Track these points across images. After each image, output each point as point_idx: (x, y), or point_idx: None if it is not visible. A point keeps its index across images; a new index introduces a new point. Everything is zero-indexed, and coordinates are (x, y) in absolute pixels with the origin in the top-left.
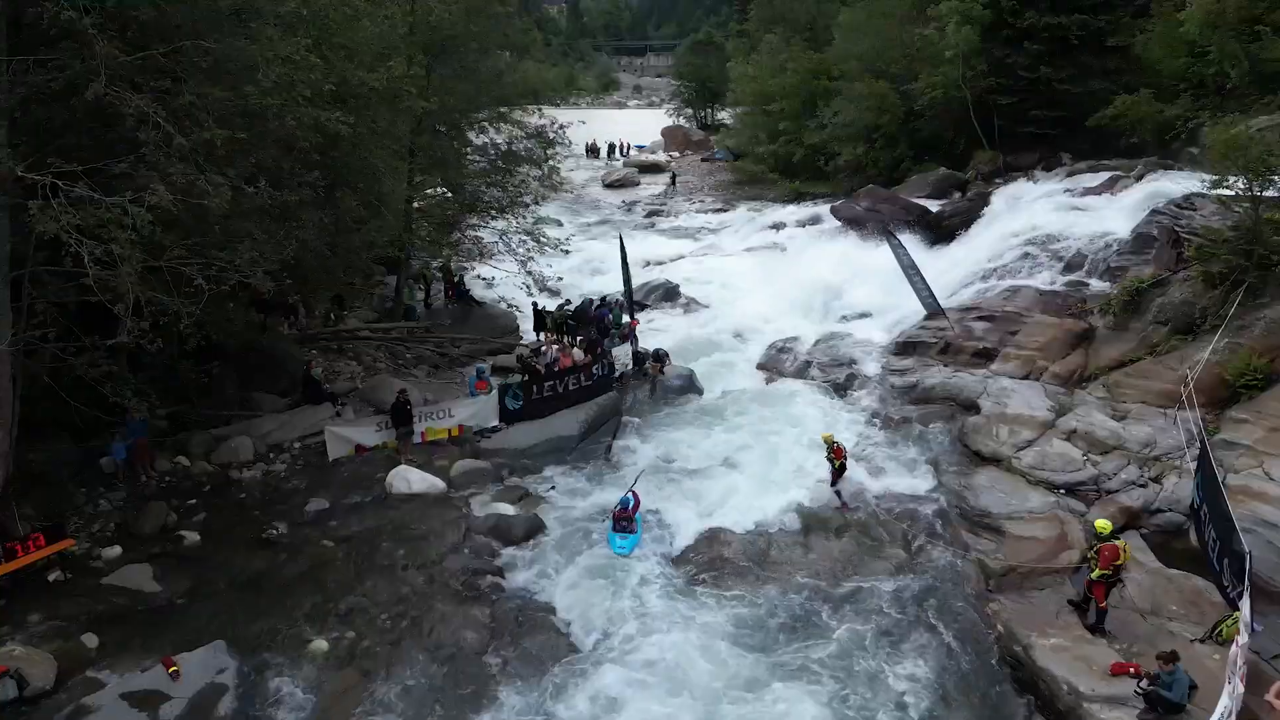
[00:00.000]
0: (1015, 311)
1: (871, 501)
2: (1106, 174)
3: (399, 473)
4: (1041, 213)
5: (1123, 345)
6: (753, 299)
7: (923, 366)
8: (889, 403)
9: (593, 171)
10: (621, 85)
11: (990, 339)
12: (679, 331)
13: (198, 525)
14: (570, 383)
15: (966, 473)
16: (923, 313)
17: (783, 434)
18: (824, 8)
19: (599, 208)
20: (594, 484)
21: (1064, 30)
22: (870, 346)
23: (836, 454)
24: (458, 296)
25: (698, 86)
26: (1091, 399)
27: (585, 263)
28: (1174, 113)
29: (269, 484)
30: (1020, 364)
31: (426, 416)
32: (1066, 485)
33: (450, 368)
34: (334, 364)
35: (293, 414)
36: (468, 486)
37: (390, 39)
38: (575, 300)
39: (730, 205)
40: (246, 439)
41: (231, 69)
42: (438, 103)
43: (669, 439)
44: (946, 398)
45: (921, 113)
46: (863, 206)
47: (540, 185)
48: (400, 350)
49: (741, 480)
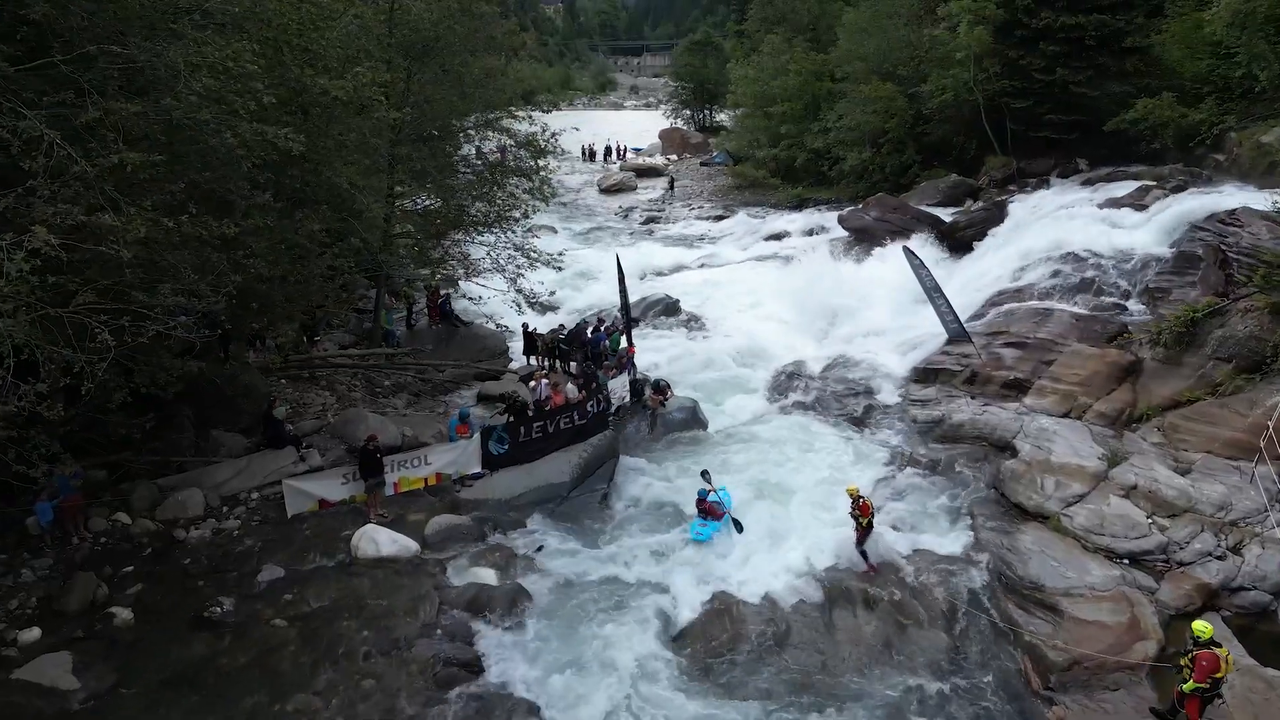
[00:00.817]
0: (1049, 339)
1: (901, 564)
2: (1133, 184)
3: (366, 533)
4: (1067, 226)
5: (1177, 382)
6: (757, 315)
7: (947, 398)
8: (912, 440)
9: (588, 175)
10: (618, 85)
11: (1022, 369)
12: (679, 352)
13: (132, 599)
14: (561, 421)
15: (1008, 530)
16: (942, 334)
17: (796, 477)
18: (827, 8)
19: (594, 214)
20: (587, 542)
21: (1081, 30)
22: (886, 372)
23: (863, 511)
24: (442, 317)
25: (695, 87)
26: (1147, 445)
27: (580, 275)
28: (1198, 117)
29: (219, 545)
30: (1059, 400)
31: (399, 465)
32: (1130, 554)
33: (433, 395)
34: (304, 395)
35: (251, 459)
36: (444, 547)
37: (359, 42)
38: (568, 320)
39: (730, 211)
40: (197, 491)
41: (154, 78)
42: (417, 111)
43: (671, 484)
44: (978, 437)
45: (930, 116)
46: (872, 216)
47: (531, 198)
48: (378, 378)
49: (751, 535)
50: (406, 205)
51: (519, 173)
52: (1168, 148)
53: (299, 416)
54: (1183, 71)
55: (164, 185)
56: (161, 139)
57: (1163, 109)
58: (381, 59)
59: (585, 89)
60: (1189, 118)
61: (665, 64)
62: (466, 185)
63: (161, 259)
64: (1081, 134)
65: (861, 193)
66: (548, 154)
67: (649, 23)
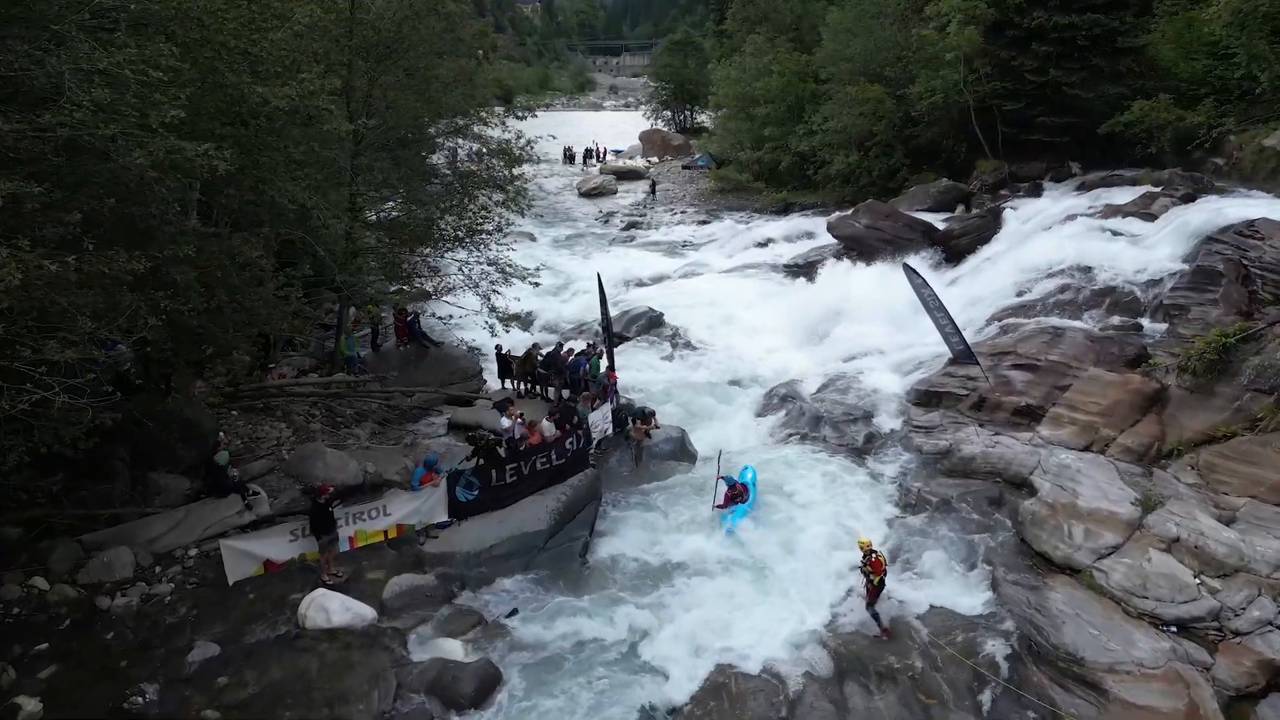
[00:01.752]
0: (1062, 361)
1: (917, 626)
2: (1132, 189)
3: (316, 600)
4: (1071, 237)
5: (1209, 414)
6: (745, 328)
7: (953, 424)
8: (919, 474)
9: (568, 178)
10: (597, 85)
11: (1034, 394)
12: (664, 371)
13: (43, 685)
14: (538, 462)
15: (1034, 585)
16: (943, 351)
17: (794, 521)
18: (810, 7)
19: (574, 219)
20: (566, 603)
21: (1074, 30)
22: (886, 393)
23: (875, 567)
24: (411, 336)
25: (675, 88)
26: (1183, 488)
27: (559, 286)
28: (1196, 119)
29: (147, 615)
30: (1078, 431)
31: (355, 518)
32: (1178, 621)
33: (400, 423)
34: (257, 427)
35: (190, 510)
36: (405, 612)
37: (310, 44)
38: (545, 338)
39: (713, 216)
40: (126, 550)
41: (32, 89)
42: (379, 118)
43: (657, 529)
44: (991, 472)
45: (919, 119)
46: (862, 223)
47: (506, 209)
48: (340, 406)
49: (749, 589)
50: (370, 217)
51: (491, 184)
52: (1164, 151)
53: (250, 452)
54: (1178, 72)
55: (59, 215)
56: (54, 160)
57: (1159, 111)
58: (340, 61)
59: (564, 89)
60: (1186, 120)
61: (644, 63)
62: (434, 199)
63: (55, 304)
64: (1074, 137)
65: (848, 197)
66: (522, 162)
67: (627, 22)
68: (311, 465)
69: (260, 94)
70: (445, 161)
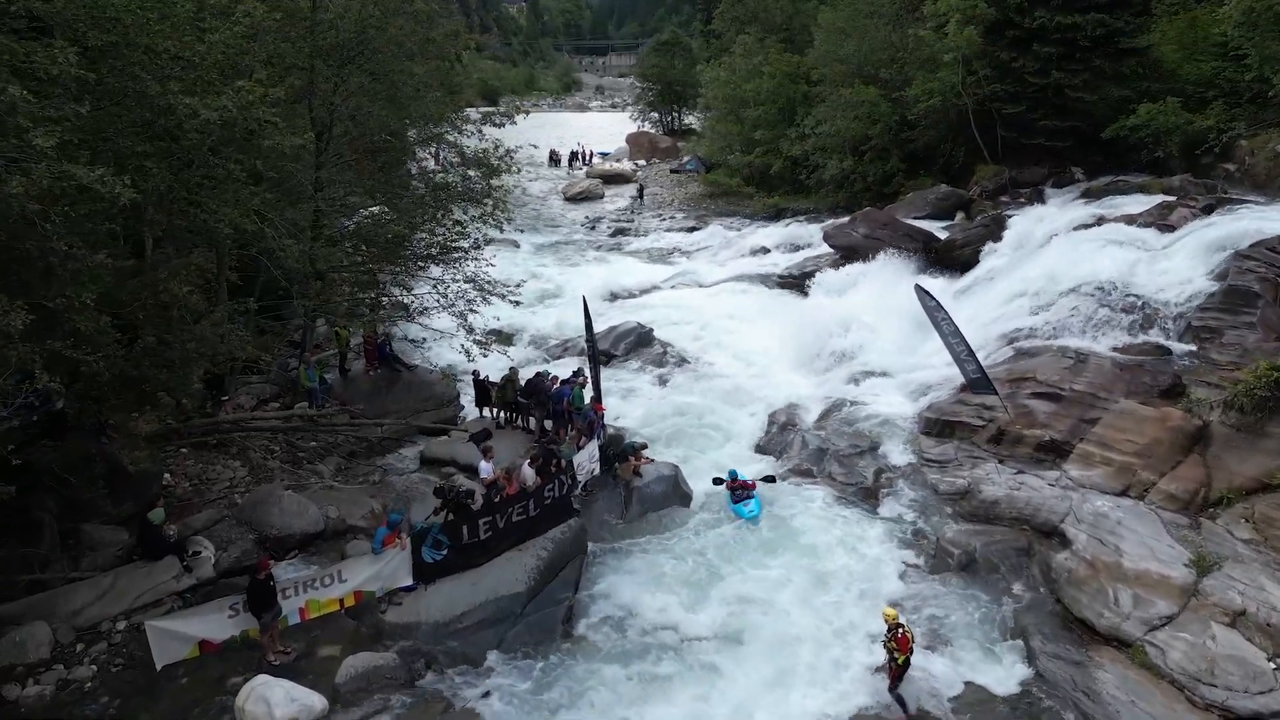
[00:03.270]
0: (1089, 391)
1: (947, 711)
2: (1142, 197)
3: (257, 690)
4: (1085, 249)
5: (1262, 458)
6: (740, 346)
7: (970, 460)
8: (937, 518)
9: (553, 182)
10: (583, 85)
11: (1058, 427)
12: (654, 395)
13: None
14: (514, 514)
15: (1077, 660)
16: (953, 373)
17: (800, 577)
18: (800, 7)
19: (559, 225)
20: (548, 682)
21: (1078, 31)
22: (893, 421)
23: (901, 645)
24: (381, 360)
25: (662, 89)
26: (1240, 545)
27: (542, 297)
28: (1205, 123)
29: (63, 706)
30: (1112, 474)
31: (307, 587)
32: (1255, 717)
33: (368, 456)
34: (209, 467)
35: (119, 576)
36: (361, 699)
37: (249, 46)
38: (524, 355)
39: (703, 222)
40: (43, 626)
41: None
42: (342, 127)
43: (650, 587)
44: (1018, 519)
45: (915, 122)
46: (860, 232)
47: (484, 224)
48: (302, 439)
49: (753, 669)
50: (347, 226)
51: (467, 197)
52: (1172, 156)
53: (200, 495)
54: (1183, 74)
55: None
56: None
57: (1167, 114)
58: (299, 65)
59: (550, 89)
60: (1195, 124)
61: (631, 63)
62: (405, 211)
63: None
64: (1076, 141)
65: (842, 202)
66: (501, 173)
67: (613, 22)
68: (267, 511)
69: (189, 105)
70: (416, 172)
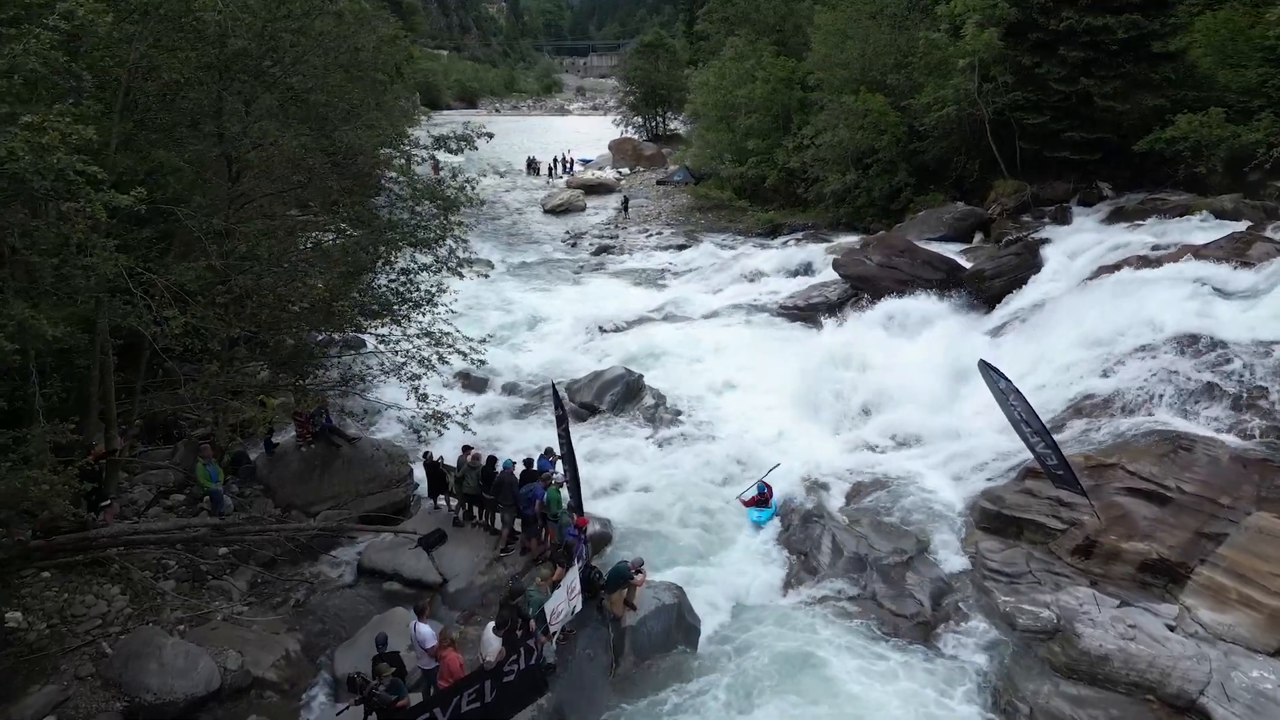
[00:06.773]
0: (1206, 496)
1: None
2: (1189, 221)
3: None
4: (1148, 290)
5: None
6: (744, 397)
7: (1049, 575)
8: (1020, 669)
9: (532, 192)
10: (564, 86)
11: (1168, 541)
12: (645, 463)
13: None
14: (466, 700)
15: None
16: (1008, 447)
17: None
18: (794, 7)
19: (537, 241)
20: None
21: (1109, 33)
22: (937, 509)
23: None
24: (316, 434)
25: (646, 92)
26: None
27: (518, 324)
28: (1253, 136)
29: None
30: (1263, 624)
31: None
32: None
33: (294, 563)
34: (77, 596)
35: None
36: None
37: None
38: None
39: (693, 240)
40: None
41: None
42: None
43: None
44: (1137, 685)
45: (925, 133)
46: (874, 260)
47: (439, 273)
48: (207, 548)
49: None
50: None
51: (415, 242)
52: (1214, 172)
53: (59, 643)
54: (1223, 82)
55: None
56: None
57: (1210, 126)
58: (204, 84)
59: (530, 90)
60: (1242, 137)
61: (612, 64)
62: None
63: None
64: (1104, 154)
65: (843, 218)
66: (458, 207)
67: (594, 22)
68: (142, 667)
69: None
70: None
